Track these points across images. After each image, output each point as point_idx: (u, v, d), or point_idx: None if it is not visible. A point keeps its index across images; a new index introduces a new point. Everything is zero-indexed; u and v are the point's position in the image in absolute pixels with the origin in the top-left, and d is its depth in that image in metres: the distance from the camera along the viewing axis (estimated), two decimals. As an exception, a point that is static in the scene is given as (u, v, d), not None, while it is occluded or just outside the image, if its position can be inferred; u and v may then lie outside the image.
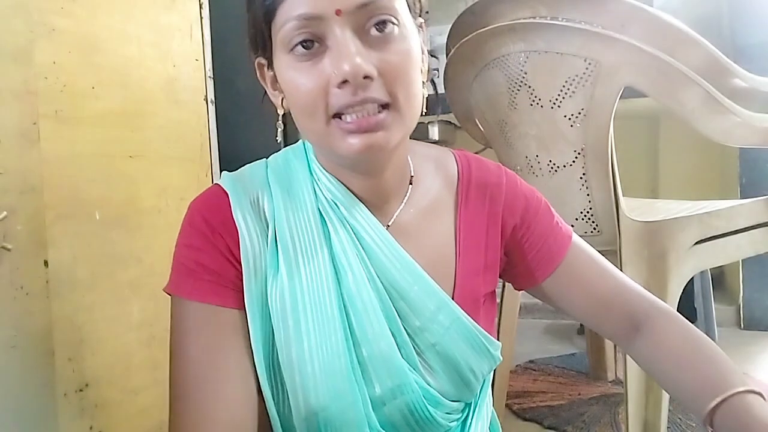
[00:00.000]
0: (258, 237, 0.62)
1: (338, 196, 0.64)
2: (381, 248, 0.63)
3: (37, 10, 0.84)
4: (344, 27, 0.55)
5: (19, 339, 0.78)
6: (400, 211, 0.67)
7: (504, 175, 0.72)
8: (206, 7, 1.24)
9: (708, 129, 1.03)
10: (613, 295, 0.72)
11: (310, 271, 0.61)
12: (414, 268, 0.63)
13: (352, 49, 0.55)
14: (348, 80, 0.54)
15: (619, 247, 1.10)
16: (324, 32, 0.56)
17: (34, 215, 0.82)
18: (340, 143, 0.58)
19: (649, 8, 1.13)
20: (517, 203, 0.71)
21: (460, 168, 0.72)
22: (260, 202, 0.64)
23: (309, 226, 0.63)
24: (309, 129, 0.60)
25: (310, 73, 0.56)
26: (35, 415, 0.81)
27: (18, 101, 0.80)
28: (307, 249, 0.62)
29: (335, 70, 0.55)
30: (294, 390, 0.59)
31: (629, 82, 1.03)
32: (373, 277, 0.62)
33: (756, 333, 2.17)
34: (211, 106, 1.24)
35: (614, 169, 1.10)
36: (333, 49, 0.56)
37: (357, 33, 0.56)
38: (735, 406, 0.60)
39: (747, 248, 1.18)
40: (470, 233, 0.69)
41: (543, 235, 0.72)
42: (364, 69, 0.54)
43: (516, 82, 1.15)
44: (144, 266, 0.70)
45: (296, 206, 0.64)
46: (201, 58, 1.22)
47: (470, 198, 0.70)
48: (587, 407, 1.58)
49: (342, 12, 0.55)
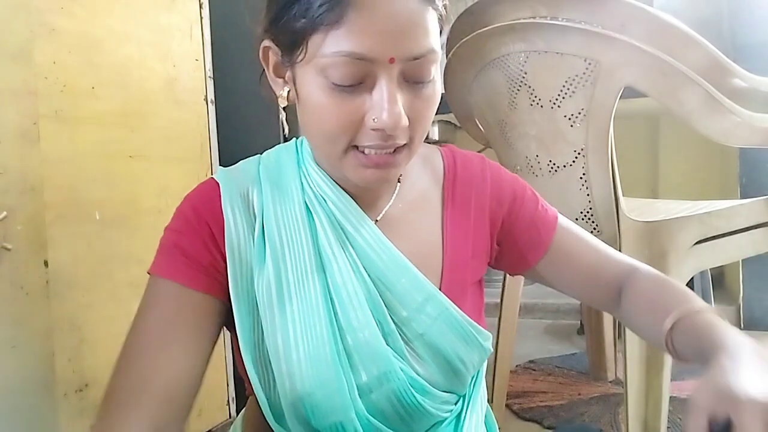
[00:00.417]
0: (244, 229, 0.64)
1: (326, 192, 0.66)
2: (368, 242, 0.65)
3: (37, 10, 0.84)
4: (392, 74, 0.55)
5: (19, 339, 0.78)
6: (389, 206, 0.69)
7: (487, 168, 0.74)
8: (206, 7, 1.24)
9: (708, 129, 1.03)
10: (598, 267, 0.74)
11: (295, 262, 0.63)
12: (401, 261, 0.65)
13: (398, 101, 0.55)
14: (386, 129, 0.56)
15: (619, 247, 1.10)
16: (370, 73, 0.55)
17: (34, 215, 0.82)
18: (353, 171, 0.60)
19: (649, 8, 1.13)
20: (503, 194, 0.74)
21: (446, 164, 0.74)
22: (250, 195, 0.66)
23: (295, 220, 0.65)
24: (324, 151, 0.61)
25: (344, 105, 0.56)
26: (35, 415, 0.81)
27: (18, 101, 0.80)
28: (293, 241, 0.64)
29: (375, 117, 0.55)
30: (281, 376, 0.61)
31: (629, 82, 1.03)
32: (359, 269, 0.64)
33: (756, 333, 2.17)
34: (211, 106, 1.24)
35: (614, 169, 1.10)
36: (376, 94, 0.56)
37: (399, 79, 0.56)
38: (691, 321, 0.61)
39: (747, 248, 1.18)
40: (457, 226, 0.71)
41: (531, 221, 0.74)
42: (404, 122, 0.56)
43: (516, 82, 1.15)
44: (144, 266, 0.70)
45: (284, 200, 0.66)
46: (201, 58, 1.22)
47: (456, 193, 0.72)
48: (587, 407, 1.58)
49: (395, 60, 0.54)
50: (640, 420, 1.11)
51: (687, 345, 0.61)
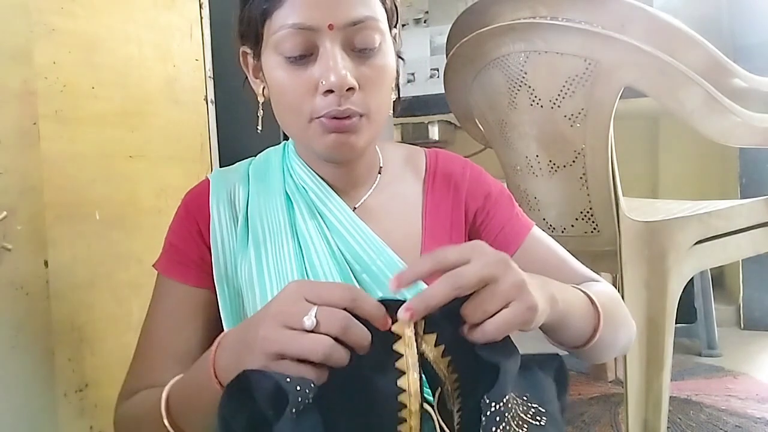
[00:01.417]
0: (227, 223, 0.70)
1: (307, 182, 0.72)
2: (344, 226, 0.69)
3: (37, 10, 0.84)
4: (334, 40, 0.62)
5: (19, 339, 0.78)
6: (369, 195, 0.74)
7: (468, 167, 0.79)
8: (206, 7, 1.24)
9: (708, 129, 1.03)
10: (560, 279, 0.75)
11: (273, 245, 0.68)
12: (377, 244, 0.68)
13: (339, 62, 0.61)
14: (333, 90, 0.61)
15: (619, 247, 1.10)
16: (315, 42, 0.62)
17: (34, 215, 0.82)
18: (318, 141, 0.65)
19: (649, 8, 1.13)
20: (480, 190, 0.77)
21: (428, 162, 0.79)
22: (236, 192, 0.73)
23: (276, 208, 0.70)
24: (290, 125, 0.67)
25: (298, 77, 0.63)
26: (35, 415, 0.81)
27: (18, 101, 0.80)
28: (273, 228, 0.69)
29: (323, 80, 0.61)
30: None
31: (629, 82, 1.03)
32: (334, 252, 0.67)
33: (756, 333, 2.17)
34: (211, 106, 1.24)
35: (614, 169, 1.10)
36: (322, 60, 0.62)
37: (344, 47, 0.62)
38: None
39: (747, 248, 1.18)
40: (436, 217, 0.74)
41: (501, 223, 0.76)
42: (349, 82, 0.61)
43: (516, 82, 1.15)
44: (144, 266, 0.71)
45: (267, 192, 0.72)
46: (201, 58, 1.22)
47: (436, 186, 0.76)
48: (587, 407, 1.58)
49: (334, 27, 0.61)
50: (640, 420, 1.11)
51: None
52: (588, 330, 0.64)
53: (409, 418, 0.49)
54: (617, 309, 0.72)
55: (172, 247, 0.72)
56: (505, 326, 0.48)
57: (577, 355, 0.68)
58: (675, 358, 1.15)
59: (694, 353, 1.93)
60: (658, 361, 1.09)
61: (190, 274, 0.70)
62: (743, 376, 1.74)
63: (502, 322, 0.48)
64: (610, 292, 0.74)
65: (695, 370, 1.79)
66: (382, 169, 0.76)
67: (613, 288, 0.77)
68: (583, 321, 0.64)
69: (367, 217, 0.71)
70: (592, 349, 0.66)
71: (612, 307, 0.69)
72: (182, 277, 0.70)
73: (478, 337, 0.49)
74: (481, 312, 0.48)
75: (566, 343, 0.66)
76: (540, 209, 1.23)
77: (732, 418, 1.45)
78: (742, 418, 1.46)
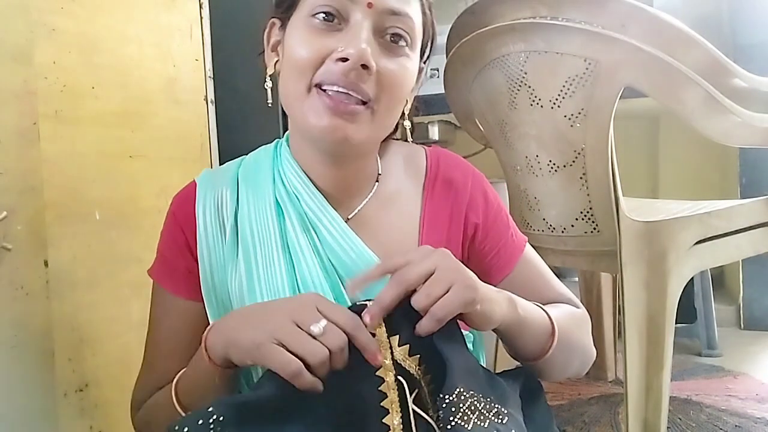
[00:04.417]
0: (214, 233, 0.69)
1: (298, 188, 0.69)
2: (335, 238, 0.67)
3: (37, 10, 0.84)
4: (366, 18, 0.60)
5: (19, 339, 0.78)
6: (363, 205, 0.71)
7: (471, 175, 0.76)
8: (206, 7, 1.25)
9: (708, 129, 1.03)
10: (543, 299, 0.75)
11: (264, 256, 0.66)
12: (369, 257, 0.66)
13: (364, 37, 0.59)
14: (348, 59, 0.58)
15: (619, 247, 1.10)
16: (348, 13, 0.60)
17: (34, 215, 0.82)
18: (314, 115, 0.61)
19: (649, 8, 1.13)
20: (481, 204, 0.75)
21: (429, 163, 0.76)
22: (223, 198, 0.70)
23: (266, 218, 0.68)
24: (290, 93, 0.64)
25: (317, 40, 0.61)
26: (35, 415, 0.81)
27: (18, 101, 0.80)
28: (263, 239, 0.67)
29: (341, 47, 0.59)
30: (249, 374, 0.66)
31: (629, 82, 1.03)
32: (326, 266, 0.66)
33: (756, 333, 2.17)
34: (211, 106, 1.24)
35: (614, 169, 1.10)
36: (348, 31, 0.60)
37: (375, 31, 0.61)
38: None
39: (747, 248, 1.18)
40: (433, 225, 0.73)
41: (497, 245, 0.75)
42: (367, 57, 0.58)
43: (516, 82, 1.15)
44: (144, 266, 0.71)
45: (257, 198, 0.69)
46: (201, 58, 1.22)
47: (436, 191, 0.74)
48: (587, 407, 1.58)
49: (373, 6, 0.60)
50: (640, 420, 1.11)
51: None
52: (542, 343, 0.66)
53: (391, 420, 0.53)
54: (577, 332, 0.73)
55: (162, 256, 0.72)
56: (450, 305, 0.53)
57: (529, 368, 0.69)
58: (675, 358, 1.15)
59: (694, 353, 1.93)
60: (658, 361, 1.09)
61: (181, 286, 0.70)
62: (743, 376, 1.74)
63: (447, 302, 0.53)
64: (579, 315, 0.76)
65: (695, 370, 1.79)
66: (380, 176, 0.73)
67: (584, 313, 0.77)
68: (538, 334, 0.65)
69: (361, 228, 0.69)
70: (544, 363, 0.67)
71: (571, 329, 0.70)
72: (174, 289, 0.70)
73: (429, 325, 0.53)
74: (425, 296, 0.53)
75: (520, 353, 0.67)
76: (540, 209, 1.23)
77: (732, 418, 1.45)
78: (742, 418, 1.46)
